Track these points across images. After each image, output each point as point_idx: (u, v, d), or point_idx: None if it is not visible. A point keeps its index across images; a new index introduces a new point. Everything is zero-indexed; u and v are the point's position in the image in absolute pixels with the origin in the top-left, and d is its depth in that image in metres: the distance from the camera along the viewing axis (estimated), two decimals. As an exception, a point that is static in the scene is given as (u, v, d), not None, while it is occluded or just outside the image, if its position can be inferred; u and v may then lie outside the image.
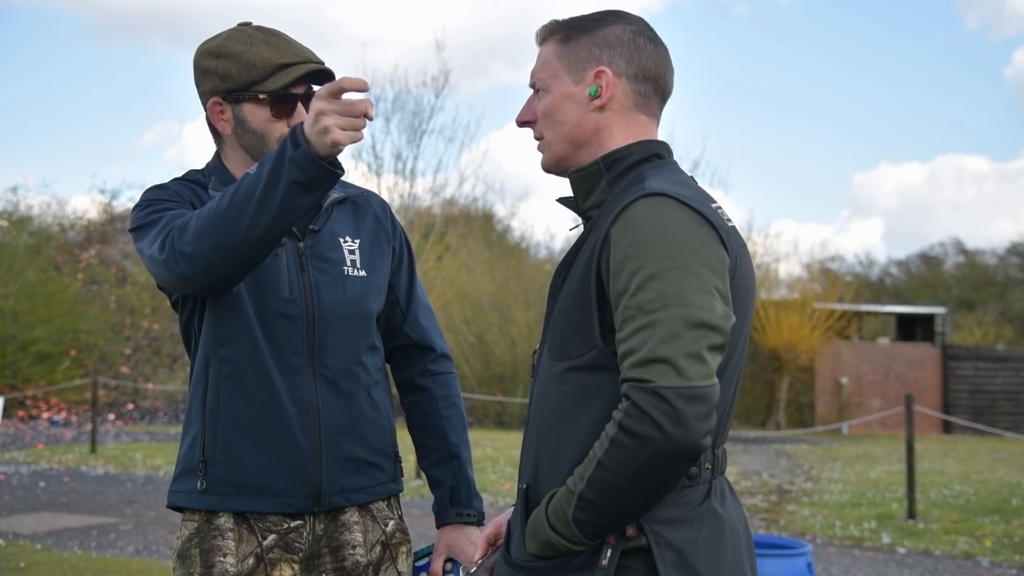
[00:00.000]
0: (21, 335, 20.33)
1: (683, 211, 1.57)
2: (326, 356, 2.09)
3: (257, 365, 2.05)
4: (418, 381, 2.29)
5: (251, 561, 2.05)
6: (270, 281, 2.07)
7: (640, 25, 1.75)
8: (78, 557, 7.03)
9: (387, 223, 2.25)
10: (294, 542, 2.08)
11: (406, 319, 2.27)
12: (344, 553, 2.11)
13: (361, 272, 2.15)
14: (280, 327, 2.06)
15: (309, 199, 1.87)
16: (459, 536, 2.22)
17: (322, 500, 2.08)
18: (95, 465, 12.62)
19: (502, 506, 9.71)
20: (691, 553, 1.58)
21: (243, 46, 2.08)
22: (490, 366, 22.30)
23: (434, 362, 2.30)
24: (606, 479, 1.51)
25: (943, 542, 8.01)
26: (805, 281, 25.01)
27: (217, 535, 2.05)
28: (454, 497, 2.24)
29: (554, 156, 1.77)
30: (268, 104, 2.08)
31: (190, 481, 2.07)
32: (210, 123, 2.16)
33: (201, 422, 2.07)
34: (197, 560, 2.04)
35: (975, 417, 21.32)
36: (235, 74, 2.07)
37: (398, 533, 2.20)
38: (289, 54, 2.09)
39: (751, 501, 10.10)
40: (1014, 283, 36.37)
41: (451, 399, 2.30)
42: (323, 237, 2.14)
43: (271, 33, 2.12)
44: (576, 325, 1.63)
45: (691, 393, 1.47)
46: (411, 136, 19.80)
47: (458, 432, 2.28)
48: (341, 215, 2.18)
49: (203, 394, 2.07)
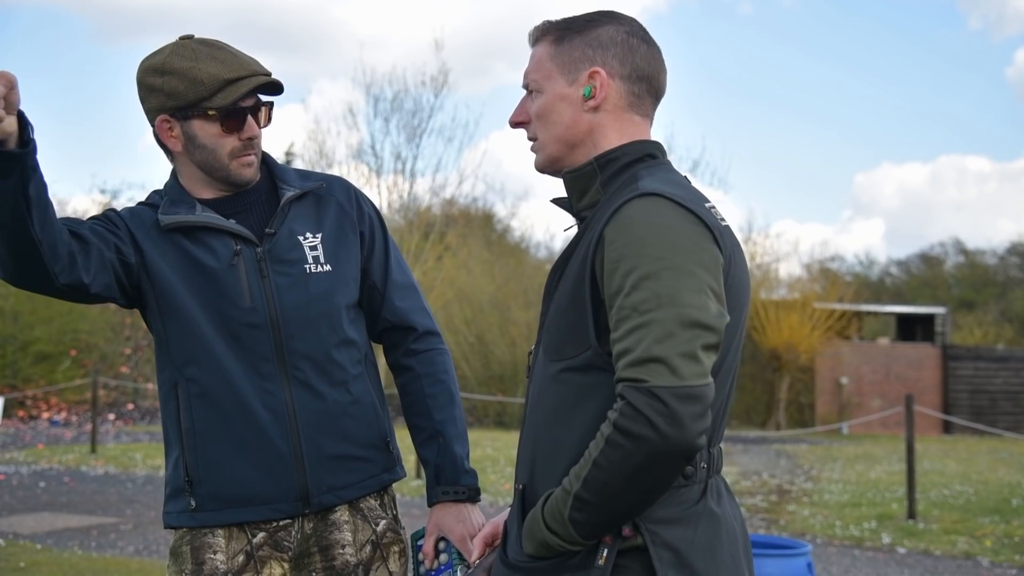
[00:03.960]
0: (21, 335, 20.34)
1: (677, 211, 1.57)
2: (296, 358, 2.09)
3: (225, 379, 2.06)
4: (403, 361, 2.28)
5: (241, 559, 2.07)
6: (230, 292, 2.08)
7: (633, 26, 1.75)
8: (78, 557, 7.03)
9: (352, 210, 2.22)
10: (283, 540, 2.10)
11: (384, 302, 2.25)
12: (334, 552, 2.12)
13: (326, 267, 2.15)
14: (247, 336, 2.07)
15: (5, 184, 1.79)
16: (447, 515, 2.19)
17: (311, 501, 2.10)
18: (95, 465, 12.62)
19: (502, 506, 9.71)
20: (688, 552, 1.58)
21: (189, 62, 2.06)
22: (490, 366, 22.30)
23: (417, 340, 2.27)
24: (602, 479, 1.51)
25: (943, 542, 8.01)
26: (805, 281, 25.01)
27: (208, 533, 2.08)
28: (440, 475, 2.21)
29: (548, 157, 1.77)
30: (218, 120, 2.07)
31: (180, 501, 2.10)
32: (159, 140, 2.14)
33: (180, 443, 2.09)
34: (188, 558, 2.07)
35: (975, 417, 21.31)
36: (183, 91, 2.05)
37: (389, 533, 2.20)
38: (236, 68, 2.07)
39: (751, 501, 10.10)
40: (1014, 283, 36.37)
41: (436, 376, 2.26)
42: (281, 239, 2.13)
43: (215, 47, 2.10)
44: (571, 325, 1.63)
45: (686, 392, 1.47)
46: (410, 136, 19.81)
47: (443, 409, 2.24)
48: (300, 212, 2.17)
49: (176, 415, 2.10)
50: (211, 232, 2.10)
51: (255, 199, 2.18)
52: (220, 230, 2.10)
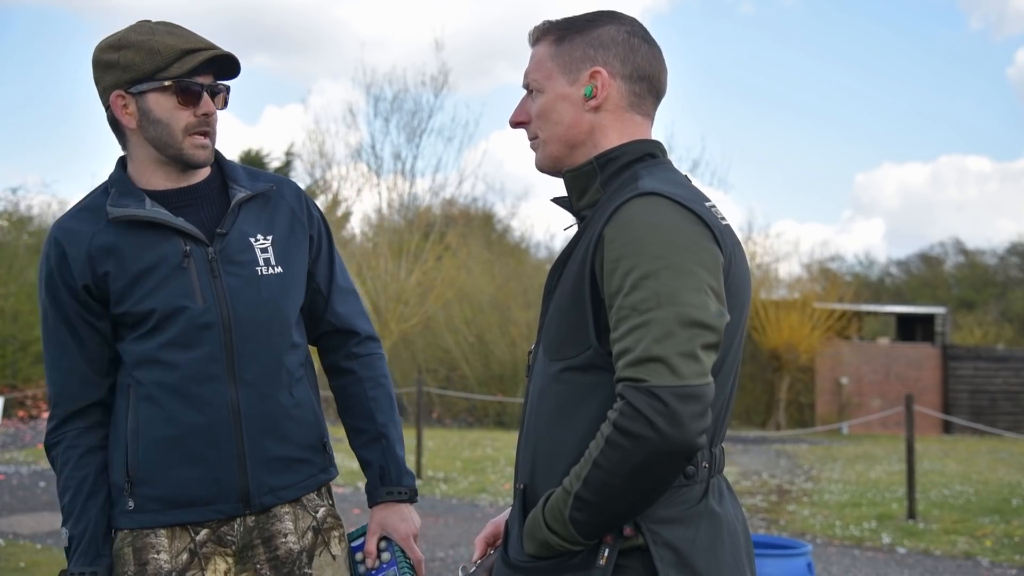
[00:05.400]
0: (21, 335, 20.33)
1: (676, 210, 1.57)
2: (245, 360, 2.09)
3: (173, 380, 2.06)
4: (343, 364, 2.30)
5: (185, 557, 2.07)
6: (181, 294, 2.06)
7: (634, 25, 1.75)
8: (78, 557, 7.02)
9: (302, 213, 2.23)
10: (226, 535, 2.11)
11: (327, 306, 2.27)
12: (276, 542, 2.13)
13: (277, 269, 2.15)
14: (197, 337, 2.06)
15: None
16: (391, 514, 2.24)
17: (252, 502, 2.11)
18: (95, 465, 12.60)
19: (502, 506, 9.71)
20: (689, 552, 1.58)
21: (145, 36, 2.05)
22: (490, 366, 22.30)
23: (358, 344, 2.30)
24: (602, 479, 1.51)
25: (943, 542, 8.01)
26: (805, 281, 25.01)
27: (149, 533, 2.07)
28: (384, 476, 2.25)
29: (548, 156, 1.77)
30: (174, 92, 2.05)
31: (120, 503, 2.09)
32: (113, 121, 2.12)
33: (123, 444, 2.08)
34: (130, 559, 2.06)
35: (975, 417, 21.31)
36: (138, 63, 2.03)
37: (329, 518, 2.21)
38: (193, 41, 2.07)
39: (751, 501, 10.10)
40: (1014, 283, 36.36)
41: (377, 379, 2.30)
42: (232, 240, 2.12)
43: (173, 25, 2.10)
44: (571, 325, 1.63)
45: (685, 392, 1.48)
46: (410, 136, 19.83)
47: (385, 412, 2.28)
48: (250, 213, 2.16)
49: (124, 416, 2.09)
50: (159, 229, 2.08)
51: (205, 193, 2.16)
52: (169, 228, 2.08)
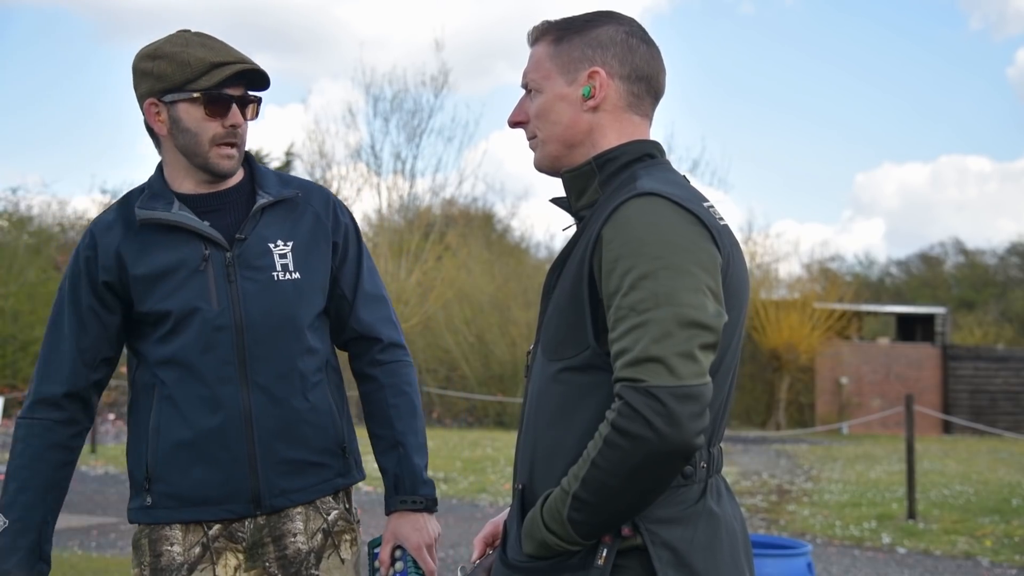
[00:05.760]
0: (21, 335, 20.34)
1: (674, 210, 1.57)
2: (258, 364, 2.14)
3: (191, 381, 2.12)
4: (367, 371, 2.32)
5: (197, 551, 2.15)
6: (197, 296, 2.12)
7: (632, 26, 1.75)
8: (78, 557, 7.03)
9: (327, 220, 2.26)
10: (237, 532, 2.17)
11: (351, 312, 2.29)
12: (286, 541, 2.17)
13: (295, 275, 2.18)
14: (212, 339, 2.12)
15: None
16: (404, 523, 2.25)
17: (262, 503, 2.16)
18: (95, 465, 12.63)
19: (502, 506, 9.71)
20: (687, 552, 1.58)
21: (179, 47, 2.12)
22: (490, 366, 22.31)
23: (382, 352, 2.31)
24: (600, 479, 1.51)
25: (943, 542, 8.01)
26: (805, 281, 25.03)
27: (165, 527, 2.16)
28: (399, 485, 2.26)
29: (547, 156, 1.77)
30: (202, 103, 2.11)
31: (139, 498, 2.19)
32: (148, 127, 2.20)
33: (145, 441, 2.16)
34: (147, 550, 2.16)
35: (975, 417, 21.31)
36: (170, 74, 2.11)
37: (340, 522, 2.24)
38: (224, 54, 2.13)
39: (751, 501, 10.10)
40: (1014, 283, 36.36)
41: (399, 387, 2.31)
42: (250, 244, 2.16)
43: (208, 37, 2.17)
44: (570, 325, 1.63)
45: (684, 392, 1.48)
46: (410, 136, 19.83)
47: (405, 420, 2.29)
48: (272, 219, 2.20)
49: (147, 414, 2.16)
50: (182, 232, 2.14)
51: (234, 199, 2.21)
52: (192, 232, 2.14)
